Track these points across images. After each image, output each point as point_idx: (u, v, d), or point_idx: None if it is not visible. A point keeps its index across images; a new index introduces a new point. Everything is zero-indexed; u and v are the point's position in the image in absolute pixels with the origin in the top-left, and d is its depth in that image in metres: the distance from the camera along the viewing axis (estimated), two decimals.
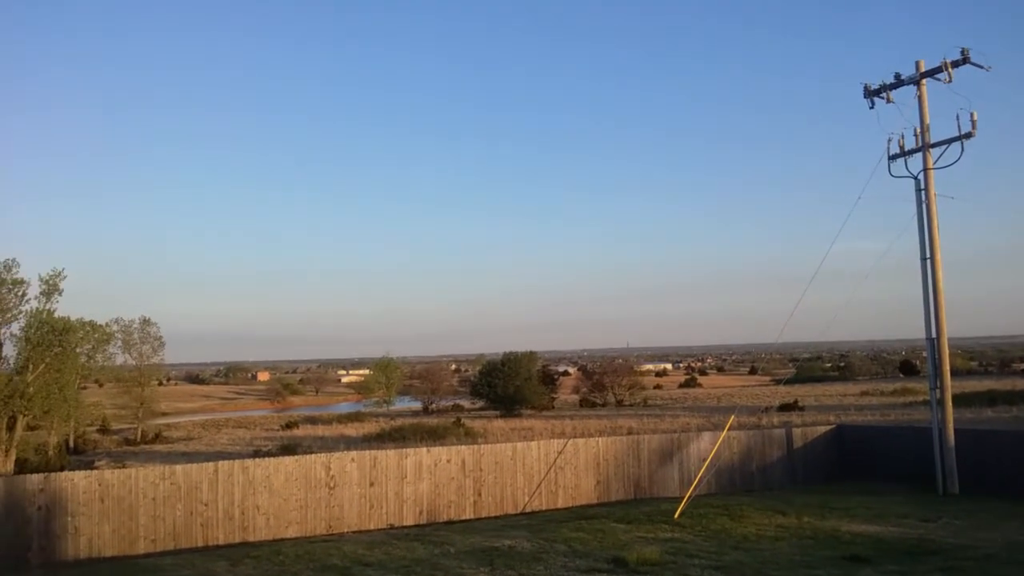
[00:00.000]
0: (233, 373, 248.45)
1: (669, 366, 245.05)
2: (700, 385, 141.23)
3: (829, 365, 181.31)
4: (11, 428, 37.80)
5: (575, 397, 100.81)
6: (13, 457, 37.92)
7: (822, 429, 26.87)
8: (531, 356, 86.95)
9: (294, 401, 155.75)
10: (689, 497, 18.94)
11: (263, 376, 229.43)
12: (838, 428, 27.51)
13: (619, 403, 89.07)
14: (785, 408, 63.71)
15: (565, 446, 21.89)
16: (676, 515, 17.51)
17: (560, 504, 21.39)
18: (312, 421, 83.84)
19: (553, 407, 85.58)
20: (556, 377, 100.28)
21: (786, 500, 20.07)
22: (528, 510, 20.87)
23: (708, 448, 23.21)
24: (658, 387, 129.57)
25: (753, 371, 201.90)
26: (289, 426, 76.02)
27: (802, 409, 62.73)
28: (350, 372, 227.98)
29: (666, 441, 23.67)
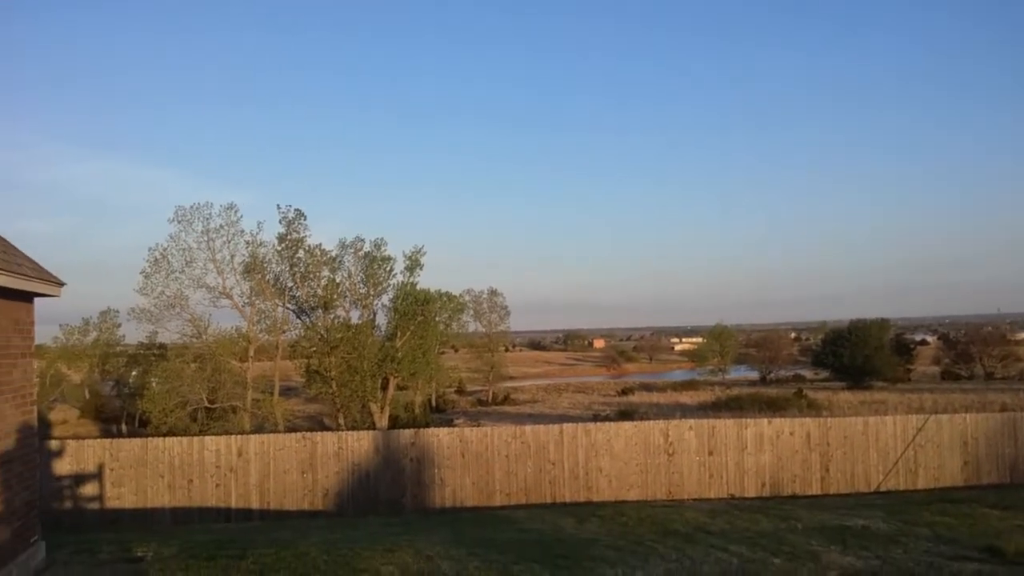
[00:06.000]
0: (571, 340, 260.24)
1: None
2: None
3: None
4: (384, 388, 42.75)
5: (935, 369, 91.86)
6: (387, 413, 42.93)
7: None
8: (883, 323, 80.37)
9: (628, 368, 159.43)
10: None
11: (599, 344, 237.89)
12: None
13: (988, 376, 79.55)
14: None
15: (926, 422, 19.91)
16: None
17: (920, 485, 19.57)
18: (647, 388, 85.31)
19: (909, 379, 78.58)
20: (912, 347, 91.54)
21: None
22: (882, 489, 19.35)
23: None
24: None
25: None
26: (625, 392, 78.09)
27: None
28: (683, 340, 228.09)
29: None
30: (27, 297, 9.19)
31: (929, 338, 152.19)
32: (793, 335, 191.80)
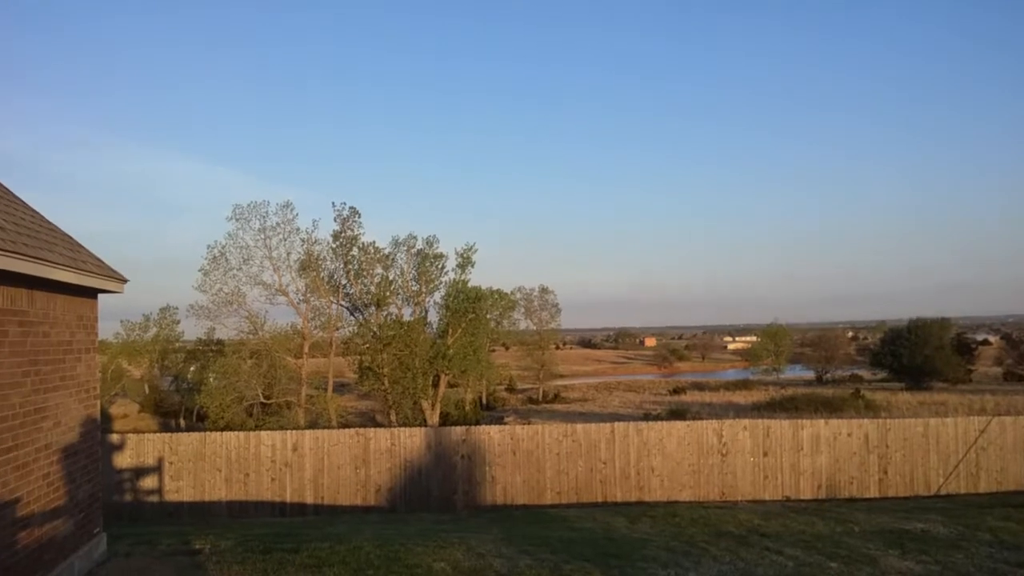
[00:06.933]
0: (622, 338, 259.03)
1: None
2: None
3: None
4: (435, 385, 43.01)
5: (997, 370, 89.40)
6: (438, 410, 43.19)
7: None
8: (943, 323, 78.38)
9: (680, 367, 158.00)
10: None
11: (650, 342, 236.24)
12: None
13: None
14: None
15: (988, 424, 19.36)
16: None
17: (981, 488, 19.07)
18: (699, 387, 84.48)
19: (970, 380, 76.45)
20: (974, 346, 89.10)
21: None
22: (942, 493, 18.89)
23: None
24: None
25: None
26: (677, 391, 77.41)
27: None
28: (736, 339, 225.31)
29: None
30: (91, 293, 9.44)
31: (991, 338, 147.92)
32: (850, 334, 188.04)
